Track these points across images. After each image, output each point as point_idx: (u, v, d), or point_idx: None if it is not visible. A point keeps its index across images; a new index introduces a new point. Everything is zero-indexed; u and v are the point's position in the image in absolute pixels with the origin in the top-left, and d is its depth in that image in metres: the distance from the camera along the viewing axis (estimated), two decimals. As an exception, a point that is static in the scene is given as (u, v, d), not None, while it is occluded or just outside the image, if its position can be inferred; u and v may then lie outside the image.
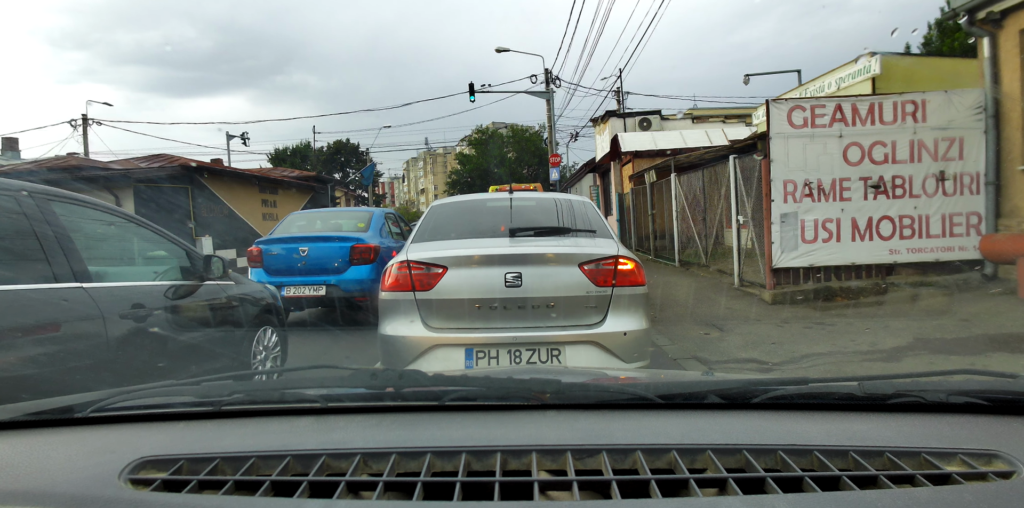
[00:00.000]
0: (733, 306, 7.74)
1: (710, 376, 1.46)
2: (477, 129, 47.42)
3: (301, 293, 7.32)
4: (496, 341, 3.38)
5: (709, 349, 5.59)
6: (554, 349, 3.38)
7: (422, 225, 4.23)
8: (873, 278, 7.90)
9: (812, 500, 0.76)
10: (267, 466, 0.91)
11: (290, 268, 7.35)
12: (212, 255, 3.91)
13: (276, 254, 7.46)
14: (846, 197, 7.82)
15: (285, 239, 7.64)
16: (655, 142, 19.17)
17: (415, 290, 3.46)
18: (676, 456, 0.90)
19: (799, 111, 7.82)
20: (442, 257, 3.50)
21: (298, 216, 8.97)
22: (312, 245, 7.44)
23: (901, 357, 4.95)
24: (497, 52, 22.48)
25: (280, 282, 7.21)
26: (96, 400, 1.13)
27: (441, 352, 3.38)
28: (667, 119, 22.55)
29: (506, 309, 3.42)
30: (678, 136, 19.49)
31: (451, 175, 50.23)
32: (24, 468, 0.94)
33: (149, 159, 16.84)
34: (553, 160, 23.38)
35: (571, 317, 3.43)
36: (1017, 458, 0.86)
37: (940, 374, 1.16)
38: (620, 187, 20.67)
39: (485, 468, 0.90)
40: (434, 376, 1.20)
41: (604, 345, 3.38)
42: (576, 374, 1.72)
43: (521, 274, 3.41)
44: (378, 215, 8.55)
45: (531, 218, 4.21)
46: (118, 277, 3.35)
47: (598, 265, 3.47)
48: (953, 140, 7.78)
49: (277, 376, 2.20)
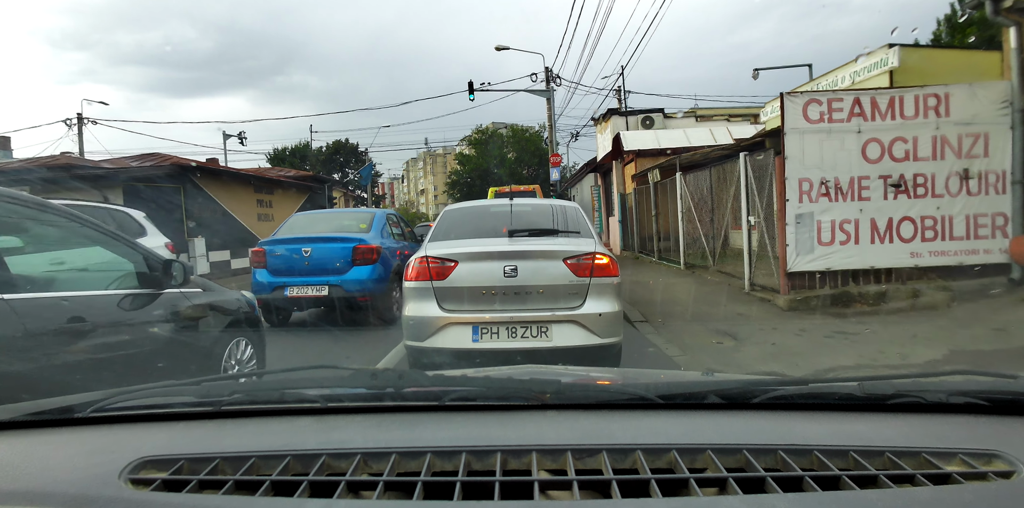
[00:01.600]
0: (746, 312, 7.33)
1: (710, 376, 1.44)
2: (477, 129, 46.81)
3: (304, 293, 7.39)
4: (497, 320, 4.17)
5: (725, 361, 5.19)
6: (543, 327, 4.16)
7: (437, 227, 5.09)
8: (893, 283, 7.41)
9: (812, 500, 0.77)
10: (267, 466, 0.91)
11: (293, 268, 7.39)
12: (174, 260, 3.49)
13: (279, 255, 7.49)
14: (865, 197, 7.36)
15: (288, 240, 7.64)
16: (658, 141, 18.43)
17: (432, 280, 4.25)
18: (676, 456, 0.90)
19: (815, 105, 7.36)
20: (454, 253, 4.31)
21: (301, 217, 9.02)
22: (315, 246, 7.45)
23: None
24: (497, 50, 22.11)
25: (284, 282, 7.35)
26: (96, 400, 1.13)
27: (453, 329, 4.18)
28: (670, 117, 21.75)
29: (505, 295, 4.21)
30: (682, 134, 18.70)
31: (451, 175, 49.62)
32: (24, 468, 0.94)
33: (141, 158, 16.47)
34: (553, 160, 22.83)
35: (557, 301, 4.21)
36: (1017, 458, 0.86)
37: (940, 374, 1.17)
38: (622, 187, 20.00)
39: (485, 468, 0.90)
40: (434, 376, 1.22)
41: (583, 324, 4.15)
42: (576, 374, 1.72)
43: (517, 267, 4.21)
44: (380, 216, 8.58)
45: (527, 221, 5.00)
46: (54, 286, 2.93)
47: (579, 260, 4.24)
48: (978, 136, 7.29)
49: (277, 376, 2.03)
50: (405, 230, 9.34)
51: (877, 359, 4.93)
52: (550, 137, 23.77)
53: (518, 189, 20.00)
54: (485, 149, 44.00)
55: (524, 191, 19.48)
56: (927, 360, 4.78)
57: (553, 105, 22.83)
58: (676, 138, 18.40)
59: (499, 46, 22.07)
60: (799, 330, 6.14)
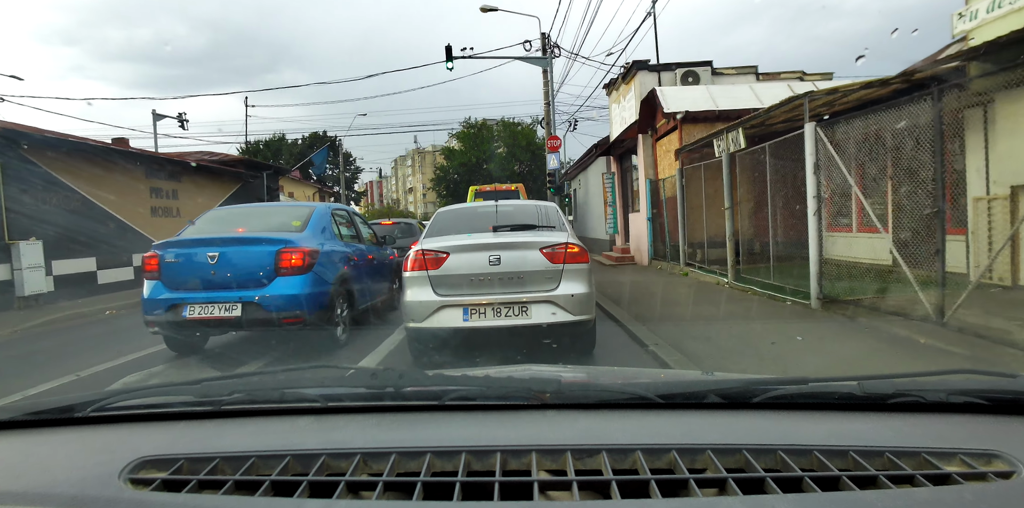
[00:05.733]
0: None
1: (710, 376, 1.45)
2: (465, 122, 43.45)
3: (208, 314, 5.42)
4: (483, 302, 4.81)
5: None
6: (523, 307, 4.80)
7: (432, 225, 5.85)
8: None
9: (812, 500, 0.77)
10: (267, 466, 0.92)
11: (196, 280, 5.54)
12: None
13: (177, 261, 5.63)
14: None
15: (190, 242, 5.78)
16: (715, 100, 12.38)
17: (427, 269, 4.92)
18: (676, 456, 0.90)
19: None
20: (446, 246, 4.98)
21: (219, 212, 7.09)
22: (225, 249, 5.56)
23: None
24: (483, 11, 18.12)
25: (182, 299, 5.51)
26: (96, 400, 1.14)
27: (446, 311, 4.83)
28: (721, 74, 14.98)
29: (490, 280, 4.86)
30: (749, 93, 12.44)
31: (436, 170, 45.58)
32: (24, 468, 0.95)
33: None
34: (551, 144, 19.19)
35: (535, 285, 4.86)
36: (1017, 458, 0.86)
37: (940, 374, 1.16)
38: (653, 170, 14.44)
39: (485, 468, 0.90)
40: (434, 376, 1.22)
41: (558, 303, 4.80)
42: (576, 373, 1.72)
43: (500, 257, 4.87)
44: (321, 212, 6.61)
45: (510, 218, 5.70)
46: None
47: (553, 249, 4.90)
48: None
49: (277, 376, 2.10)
50: (363, 233, 7.60)
51: None
52: (547, 117, 19.70)
53: (500, 188, 18.62)
54: (473, 143, 41.22)
55: (506, 190, 18.06)
56: None
57: (552, 77, 19.01)
58: (742, 96, 12.27)
59: (485, 7, 18.05)
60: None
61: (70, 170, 11.91)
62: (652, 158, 14.55)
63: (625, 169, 17.83)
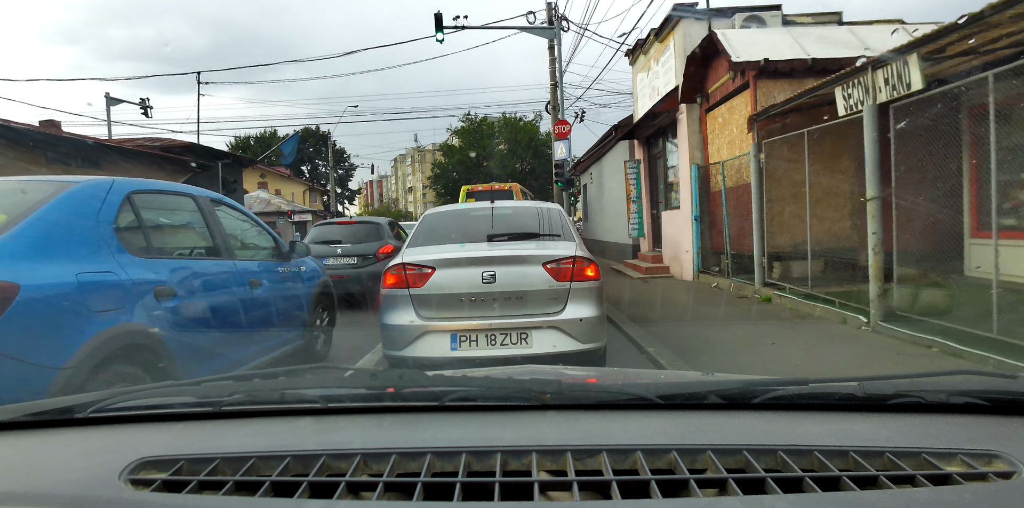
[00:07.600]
0: None
1: (710, 376, 1.45)
2: (464, 117, 41.27)
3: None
4: (475, 328, 4.04)
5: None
6: (523, 333, 4.04)
7: (416, 231, 4.93)
8: None
9: (812, 500, 0.77)
10: (267, 466, 0.92)
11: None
12: None
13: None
14: None
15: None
16: (802, 46, 8.75)
17: (409, 287, 4.15)
18: (676, 456, 0.90)
19: None
20: (430, 260, 4.20)
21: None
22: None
23: None
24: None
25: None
26: (96, 400, 1.13)
27: (431, 337, 4.06)
28: (792, 22, 10.89)
29: (483, 301, 4.10)
30: (850, 36, 8.91)
31: (434, 168, 44.42)
32: (24, 468, 0.95)
33: None
34: (560, 129, 15.98)
35: (536, 307, 4.11)
36: (1017, 458, 0.86)
37: (940, 374, 1.16)
38: (701, 152, 10.85)
39: (485, 468, 0.90)
40: (434, 376, 1.21)
41: (564, 329, 4.06)
42: (576, 374, 1.72)
43: (495, 273, 4.09)
44: (73, 198, 3.07)
45: (508, 225, 4.91)
46: None
47: (558, 264, 4.14)
48: None
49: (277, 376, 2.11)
50: (250, 237, 4.79)
51: None
52: (553, 100, 17.23)
53: (494, 187, 16.96)
54: (473, 139, 39.99)
55: (500, 190, 16.32)
56: None
57: (559, 53, 16.45)
58: (843, 40, 8.75)
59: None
60: None
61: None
62: (701, 135, 10.89)
63: (654, 155, 14.13)
